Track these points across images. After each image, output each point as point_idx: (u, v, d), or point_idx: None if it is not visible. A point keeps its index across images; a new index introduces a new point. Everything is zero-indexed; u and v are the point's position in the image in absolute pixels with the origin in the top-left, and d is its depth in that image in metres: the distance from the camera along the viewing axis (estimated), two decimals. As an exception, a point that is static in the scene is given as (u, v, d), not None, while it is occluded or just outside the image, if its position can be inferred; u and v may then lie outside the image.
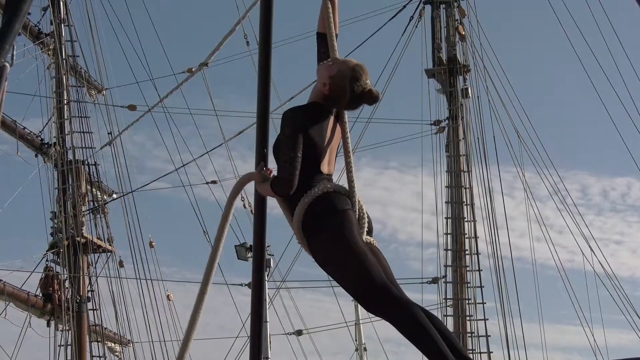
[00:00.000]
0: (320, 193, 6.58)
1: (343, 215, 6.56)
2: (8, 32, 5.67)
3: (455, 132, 36.57)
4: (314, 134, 6.68)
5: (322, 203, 6.58)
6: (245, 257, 27.50)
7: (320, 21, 7.14)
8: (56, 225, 35.70)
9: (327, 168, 6.80)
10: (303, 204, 6.56)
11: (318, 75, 6.94)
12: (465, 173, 36.42)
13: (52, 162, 36.04)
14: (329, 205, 6.58)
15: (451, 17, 37.03)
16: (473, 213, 36.32)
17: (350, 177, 6.87)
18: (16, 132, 35.32)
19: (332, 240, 6.51)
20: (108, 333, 35.80)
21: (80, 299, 35.42)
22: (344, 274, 6.54)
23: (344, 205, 6.63)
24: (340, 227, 6.51)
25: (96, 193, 36.82)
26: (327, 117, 6.83)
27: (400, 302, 6.36)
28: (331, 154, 6.87)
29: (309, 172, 6.64)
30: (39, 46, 36.12)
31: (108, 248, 36.28)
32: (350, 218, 6.60)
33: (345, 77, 6.80)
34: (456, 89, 36.64)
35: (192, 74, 34.18)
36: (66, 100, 36.29)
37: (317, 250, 6.62)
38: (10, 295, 34.15)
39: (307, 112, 6.78)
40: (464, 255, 35.89)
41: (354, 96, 6.83)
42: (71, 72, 36.57)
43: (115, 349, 36.06)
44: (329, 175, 6.82)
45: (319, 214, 6.56)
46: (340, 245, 6.47)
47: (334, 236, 6.50)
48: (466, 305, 35.61)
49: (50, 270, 35.53)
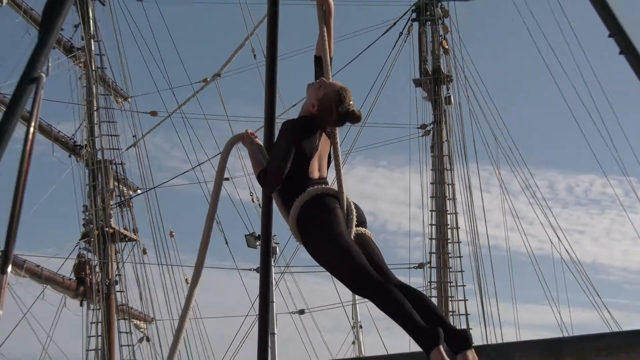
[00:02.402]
0: (309, 197, 6.69)
1: (330, 213, 6.68)
2: (43, 46, 5.65)
3: (439, 135, 36.57)
4: (305, 145, 6.78)
5: (311, 204, 6.70)
6: (254, 245, 27.45)
7: (318, 46, 7.17)
8: (87, 218, 35.72)
9: (317, 174, 6.91)
10: (296, 207, 6.69)
11: (307, 95, 7.04)
12: (448, 171, 36.45)
13: (83, 162, 36.05)
14: (318, 206, 6.69)
15: (436, 33, 37.03)
16: (455, 206, 36.35)
17: (339, 181, 6.93)
18: (51, 135, 35.36)
19: (321, 234, 6.63)
20: (133, 312, 35.77)
21: (109, 282, 35.42)
22: (331, 262, 6.65)
23: (332, 204, 6.73)
24: (328, 223, 6.64)
25: (122, 189, 36.82)
26: (317, 130, 6.92)
27: (375, 283, 6.45)
28: (321, 162, 6.98)
29: (301, 178, 6.79)
30: (72, 59, 36.12)
31: (133, 237, 36.29)
32: (337, 215, 6.70)
33: (331, 99, 6.90)
34: (440, 97, 36.65)
35: (207, 84, 34.24)
36: (96, 107, 36.29)
37: (309, 243, 6.73)
38: (48, 279, 34.16)
39: (301, 126, 6.86)
40: (447, 243, 35.90)
41: (339, 116, 6.93)
42: (100, 82, 36.58)
43: (140, 325, 36.03)
44: (321, 179, 6.93)
45: (309, 213, 6.69)
46: (327, 238, 6.60)
47: (323, 231, 6.63)
48: (448, 288, 35.62)
49: (82, 257, 35.53)
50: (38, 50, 5.61)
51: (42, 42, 5.69)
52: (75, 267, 35.28)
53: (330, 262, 6.65)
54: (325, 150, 7.05)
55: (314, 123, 6.94)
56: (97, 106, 36.36)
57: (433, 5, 36.93)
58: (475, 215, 35.91)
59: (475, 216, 35.90)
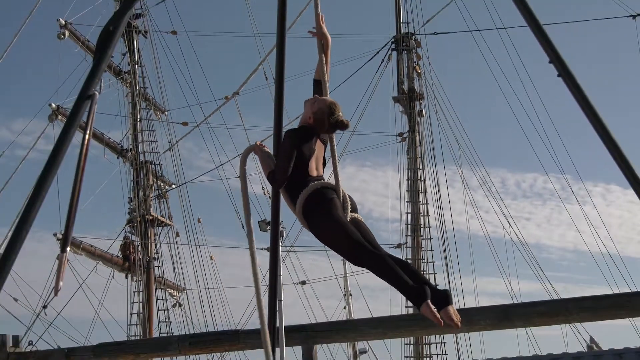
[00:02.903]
0: (312, 190, 6.73)
1: (330, 202, 6.70)
2: (97, 70, 5.64)
3: (413, 141, 36.55)
4: (304, 149, 6.82)
5: (314, 196, 6.73)
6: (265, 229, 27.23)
7: (317, 71, 7.25)
8: (132, 207, 35.70)
9: (315, 172, 6.92)
10: (301, 199, 6.73)
11: (305, 109, 7.07)
12: (420, 170, 36.41)
13: (129, 163, 36.03)
14: (319, 197, 6.73)
15: (411, 60, 36.99)
16: (426, 198, 36.37)
17: (336, 176, 6.99)
18: (103, 141, 35.36)
19: (323, 219, 6.65)
20: (168, 283, 35.74)
21: (149, 259, 35.39)
22: (333, 241, 6.67)
23: (330, 195, 6.77)
24: (328, 209, 6.66)
25: (160, 184, 36.77)
26: (313, 137, 6.96)
27: (372, 253, 6.51)
28: (317, 162, 7.00)
29: (303, 176, 6.81)
30: (120, 80, 36.15)
31: (168, 223, 36.24)
32: (335, 203, 6.73)
33: (324, 112, 6.93)
34: (414, 111, 36.62)
35: (228, 100, 34.20)
36: (139, 118, 36.28)
37: (314, 227, 6.74)
38: (99, 256, 34.14)
39: (300, 134, 6.90)
40: (419, 228, 35.88)
41: (330, 125, 6.97)
42: (142, 98, 36.56)
43: (173, 294, 35.98)
44: (319, 176, 6.95)
45: (313, 203, 6.71)
46: (328, 221, 6.63)
47: (324, 216, 6.65)
48: (421, 264, 35.59)
49: (127, 238, 35.50)
50: (92, 73, 5.60)
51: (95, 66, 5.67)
52: (121, 247, 35.27)
53: (332, 240, 6.67)
54: (321, 153, 7.07)
55: (311, 131, 6.96)
56: (140, 118, 36.35)
57: (408, 38, 36.92)
58: (442, 206, 35.96)
59: (442, 206, 35.95)
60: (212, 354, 29.41)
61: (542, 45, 6.10)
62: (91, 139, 5.06)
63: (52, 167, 5.27)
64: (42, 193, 5.20)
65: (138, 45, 36.76)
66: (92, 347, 11.97)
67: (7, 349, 16.25)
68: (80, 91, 5.58)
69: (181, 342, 11.10)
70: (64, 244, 5.31)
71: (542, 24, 6.16)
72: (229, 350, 24.66)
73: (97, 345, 11.86)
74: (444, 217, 35.82)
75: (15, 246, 5.10)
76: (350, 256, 6.69)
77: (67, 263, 5.22)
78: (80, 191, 5.35)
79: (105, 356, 11.86)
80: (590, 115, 5.85)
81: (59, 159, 5.30)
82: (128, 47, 36.30)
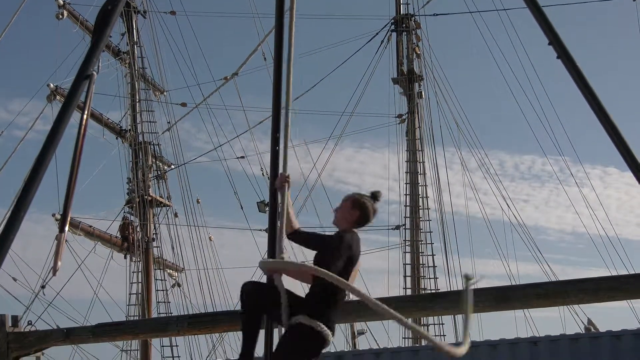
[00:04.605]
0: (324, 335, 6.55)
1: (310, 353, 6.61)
2: (95, 50, 5.63)
3: (413, 123, 36.51)
4: None
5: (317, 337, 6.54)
6: (264, 210, 27.45)
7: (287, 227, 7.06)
8: (130, 187, 35.73)
9: None
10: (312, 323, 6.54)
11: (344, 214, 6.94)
12: (419, 152, 36.38)
13: (127, 143, 36.05)
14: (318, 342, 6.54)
15: (410, 41, 36.92)
16: (424, 180, 36.35)
17: None
18: (102, 121, 35.35)
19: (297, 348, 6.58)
20: (167, 263, 35.80)
21: (148, 239, 35.44)
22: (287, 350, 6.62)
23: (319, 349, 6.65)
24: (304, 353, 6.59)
25: (159, 164, 36.80)
26: None
27: None
28: None
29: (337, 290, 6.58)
30: (119, 61, 36.13)
31: (167, 204, 36.29)
32: None
33: None
34: (413, 92, 36.58)
35: (227, 80, 34.17)
36: (138, 99, 36.27)
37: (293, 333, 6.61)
38: (98, 237, 34.20)
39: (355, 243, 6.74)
40: (418, 209, 35.89)
41: None
42: (141, 79, 36.55)
43: (172, 274, 36.05)
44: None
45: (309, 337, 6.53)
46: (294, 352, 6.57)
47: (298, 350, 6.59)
48: (419, 245, 35.63)
49: (126, 219, 35.55)
50: (91, 53, 5.59)
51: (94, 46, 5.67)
52: (120, 227, 35.32)
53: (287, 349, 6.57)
54: None
55: None
56: (138, 98, 36.36)
57: (408, 19, 36.85)
58: (440, 187, 35.96)
59: (440, 188, 35.95)
60: (211, 335, 29.52)
61: (541, 27, 6.10)
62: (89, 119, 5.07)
63: (50, 148, 5.27)
64: (40, 173, 5.20)
65: (137, 25, 36.73)
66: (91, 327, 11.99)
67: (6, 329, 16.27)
68: (78, 71, 5.57)
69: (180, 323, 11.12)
70: (63, 224, 5.32)
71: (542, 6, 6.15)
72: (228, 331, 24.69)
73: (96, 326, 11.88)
74: (442, 199, 35.87)
75: (14, 226, 5.10)
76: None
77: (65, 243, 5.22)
78: (78, 171, 5.35)
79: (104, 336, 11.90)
80: (588, 97, 5.85)
81: (57, 139, 5.30)
82: (127, 27, 36.23)
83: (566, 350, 17.72)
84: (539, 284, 9.95)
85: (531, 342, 17.80)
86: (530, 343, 17.81)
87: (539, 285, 9.88)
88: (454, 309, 16.33)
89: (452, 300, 15.91)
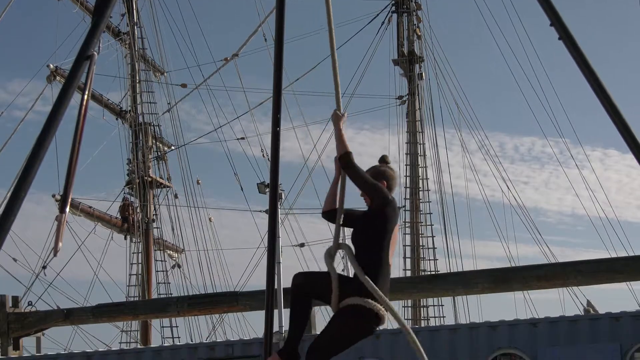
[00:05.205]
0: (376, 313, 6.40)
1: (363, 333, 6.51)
2: (96, 31, 5.62)
3: (413, 104, 36.54)
4: None
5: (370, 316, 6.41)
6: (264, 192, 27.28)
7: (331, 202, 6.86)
8: (131, 168, 35.77)
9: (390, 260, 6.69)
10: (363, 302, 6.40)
11: None
12: (419, 133, 36.44)
13: (127, 124, 36.07)
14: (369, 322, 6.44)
15: (411, 23, 36.90)
16: (424, 161, 36.47)
17: None
18: (102, 102, 35.34)
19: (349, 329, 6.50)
20: (167, 244, 35.87)
21: (148, 220, 35.50)
22: (335, 336, 6.51)
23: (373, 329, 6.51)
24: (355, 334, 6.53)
25: (159, 145, 36.82)
26: None
27: None
28: None
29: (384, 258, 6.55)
30: (119, 41, 36.11)
31: (167, 185, 36.33)
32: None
33: None
34: (414, 74, 36.59)
35: (227, 62, 34.12)
36: (138, 80, 36.26)
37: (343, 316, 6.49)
38: (98, 218, 34.24)
39: None
40: (418, 191, 35.98)
41: None
42: (141, 60, 36.53)
43: (172, 255, 36.12)
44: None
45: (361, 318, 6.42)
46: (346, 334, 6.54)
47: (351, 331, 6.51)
48: (419, 227, 35.72)
49: (126, 200, 35.62)
50: (91, 34, 5.58)
51: (94, 27, 5.65)
52: (120, 208, 35.39)
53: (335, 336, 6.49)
54: None
55: None
56: (139, 79, 36.35)
57: (409, 0, 36.81)
58: (440, 169, 36.06)
59: (440, 169, 36.04)
60: (211, 315, 29.56)
61: (543, 8, 6.09)
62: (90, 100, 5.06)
63: (51, 129, 5.27)
64: (40, 155, 5.19)
65: (137, 6, 36.66)
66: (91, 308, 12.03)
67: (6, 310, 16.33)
68: (79, 52, 5.56)
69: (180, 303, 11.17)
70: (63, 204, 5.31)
71: (543, -13, 6.13)
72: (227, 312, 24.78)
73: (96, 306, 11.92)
74: (442, 180, 35.94)
75: (14, 207, 5.10)
76: (330, 350, 6.47)
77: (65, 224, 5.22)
78: (79, 152, 5.34)
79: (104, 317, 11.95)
80: (590, 78, 5.84)
81: (57, 121, 5.29)
82: (127, 8, 36.19)
83: (565, 331, 17.80)
84: (539, 266, 9.99)
85: (531, 323, 17.89)
86: (529, 324, 17.90)
87: (539, 267, 9.92)
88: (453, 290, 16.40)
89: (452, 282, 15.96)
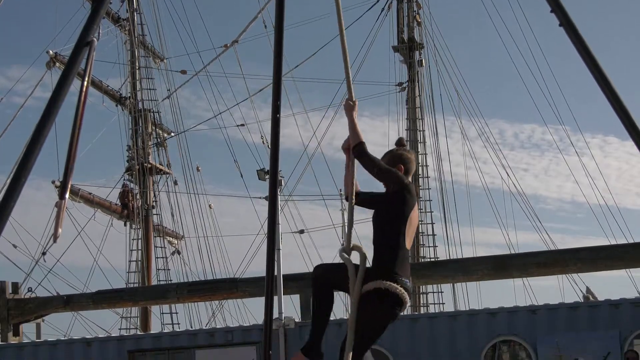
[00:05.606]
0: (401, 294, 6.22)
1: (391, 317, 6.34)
2: (95, 17, 5.60)
3: (413, 91, 36.52)
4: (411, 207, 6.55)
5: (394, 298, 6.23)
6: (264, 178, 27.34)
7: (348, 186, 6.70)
8: (130, 155, 35.81)
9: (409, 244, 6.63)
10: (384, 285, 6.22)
11: None
12: (419, 120, 36.42)
13: (127, 110, 36.11)
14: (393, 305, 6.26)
15: (411, 9, 36.84)
16: (424, 148, 36.48)
17: None
18: (102, 88, 35.36)
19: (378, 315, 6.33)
20: (167, 230, 35.94)
21: (148, 206, 35.57)
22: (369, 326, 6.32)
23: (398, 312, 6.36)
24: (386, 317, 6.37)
25: (158, 132, 36.87)
26: None
27: None
28: None
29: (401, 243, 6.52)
30: (119, 28, 36.12)
31: (167, 171, 36.40)
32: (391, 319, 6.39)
33: None
34: (414, 60, 36.54)
35: (227, 48, 34.05)
36: (137, 66, 36.29)
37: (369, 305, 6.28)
38: (98, 204, 34.29)
39: None
40: (418, 178, 35.95)
41: None
42: (141, 46, 36.56)
43: (172, 241, 36.19)
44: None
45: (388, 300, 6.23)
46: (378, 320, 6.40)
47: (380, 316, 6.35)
48: (419, 214, 35.71)
49: (126, 186, 35.68)
50: (91, 20, 5.57)
51: (94, 13, 5.64)
52: (120, 195, 35.44)
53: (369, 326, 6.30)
54: None
55: None
56: (138, 66, 36.39)
57: (409, -14, 36.78)
58: (440, 156, 36.06)
59: (440, 156, 36.05)
60: (210, 302, 29.61)
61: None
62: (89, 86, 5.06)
63: (50, 115, 5.26)
64: (40, 140, 5.19)
65: (137, -8, 36.65)
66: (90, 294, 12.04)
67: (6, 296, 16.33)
68: (78, 38, 5.55)
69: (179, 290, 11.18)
70: (63, 190, 5.31)
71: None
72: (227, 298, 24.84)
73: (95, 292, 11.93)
74: (442, 167, 35.95)
75: (14, 193, 5.10)
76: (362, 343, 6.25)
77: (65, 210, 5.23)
78: (78, 139, 5.34)
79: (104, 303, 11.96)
80: (591, 65, 5.83)
81: (57, 107, 5.29)
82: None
83: (565, 318, 17.82)
84: (538, 253, 9.99)
85: (530, 310, 17.91)
86: (529, 311, 17.93)
87: (538, 254, 9.93)
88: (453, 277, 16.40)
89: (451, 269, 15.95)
